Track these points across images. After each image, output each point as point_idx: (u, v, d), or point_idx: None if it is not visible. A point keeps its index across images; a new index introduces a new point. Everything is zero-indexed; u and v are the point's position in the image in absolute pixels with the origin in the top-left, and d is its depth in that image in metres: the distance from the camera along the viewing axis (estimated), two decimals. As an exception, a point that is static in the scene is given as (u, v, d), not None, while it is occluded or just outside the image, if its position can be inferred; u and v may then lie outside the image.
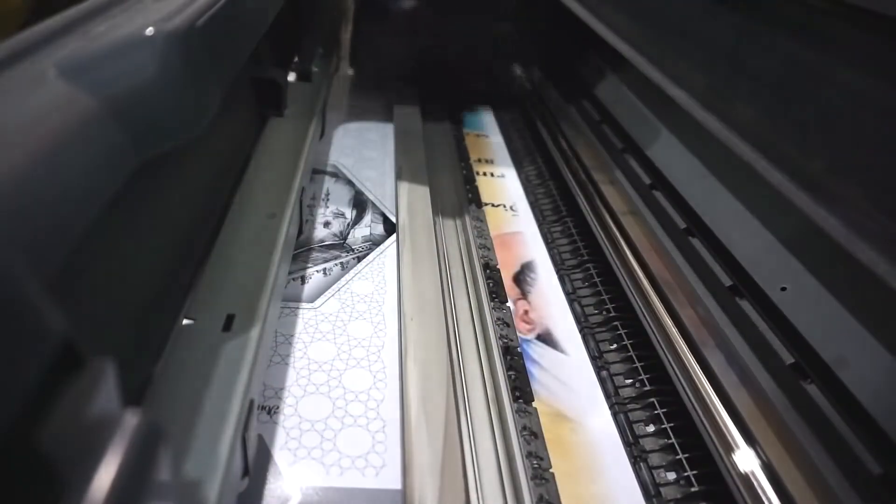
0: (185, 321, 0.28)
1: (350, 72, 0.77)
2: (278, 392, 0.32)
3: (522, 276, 0.45)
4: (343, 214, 0.49)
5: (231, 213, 0.37)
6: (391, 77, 0.73)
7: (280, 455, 0.29)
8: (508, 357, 0.37)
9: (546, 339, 0.40)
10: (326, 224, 0.48)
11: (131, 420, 0.13)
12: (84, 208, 0.16)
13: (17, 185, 0.14)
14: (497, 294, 0.42)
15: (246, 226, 0.36)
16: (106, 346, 0.22)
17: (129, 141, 0.19)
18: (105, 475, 0.12)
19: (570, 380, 0.37)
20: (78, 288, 0.19)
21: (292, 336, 0.36)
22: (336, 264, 0.43)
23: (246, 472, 0.27)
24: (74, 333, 0.14)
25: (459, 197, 0.53)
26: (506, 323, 0.40)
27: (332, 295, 0.40)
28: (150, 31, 0.20)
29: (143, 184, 0.25)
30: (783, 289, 0.33)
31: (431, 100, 0.71)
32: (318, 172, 0.54)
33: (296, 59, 0.60)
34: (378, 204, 0.51)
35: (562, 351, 0.39)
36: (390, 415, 0.32)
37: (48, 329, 0.13)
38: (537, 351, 0.38)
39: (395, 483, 0.29)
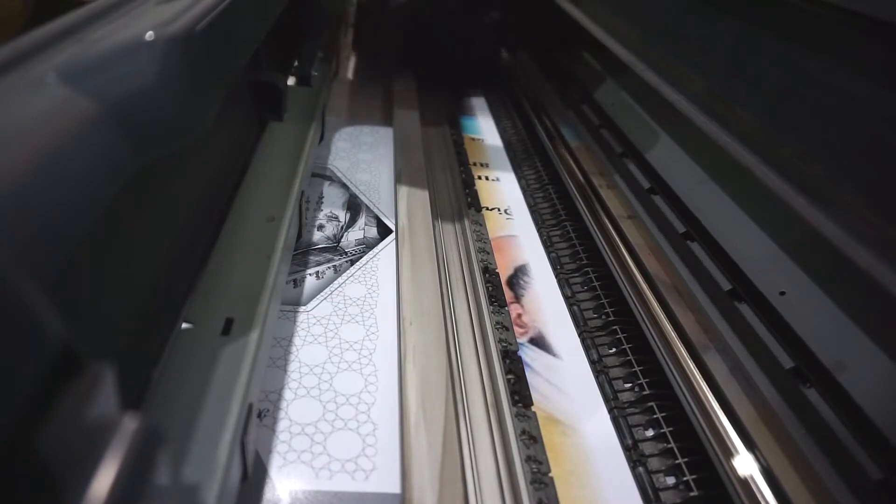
0: (184, 325, 0.28)
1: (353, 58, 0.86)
2: (269, 395, 0.32)
3: (516, 280, 0.45)
4: (337, 217, 0.49)
5: (230, 216, 0.37)
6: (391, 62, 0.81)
7: (269, 458, 0.29)
8: (507, 361, 0.37)
9: (538, 342, 0.39)
10: (320, 227, 0.47)
11: (130, 424, 0.13)
12: (83, 212, 0.16)
13: (17, 189, 0.14)
14: (496, 298, 0.42)
15: (245, 229, 0.36)
16: (105, 350, 0.22)
17: (128, 145, 0.19)
18: (103, 479, 0.12)
19: (562, 383, 0.36)
20: (77, 291, 0.19)
21: (284, 339, 0.36)
22: (329, 267, 0.43)
23: (245, 476, 0.27)
24: (73, 337, 0.14)
25: (459, 201, 0.53)
26: (505, 327, 0.40)
27: (325, 298, 0.40)
28: (150, 35, 0.20)
29: (143, 187, 0.25)
30: (782, 293, 0.33)
31: (428, 85, 0.78)
32: (313, 175, 0.54)
33: (295, 63, 0.60)
34: (372, 207, 0.51)
35: (554, 354, 0.39)
36: (381, 418, 0.32)
37: (47, 332, 0.13)
38: (529, 354, 0.38)
39: (389, 486, 0.29)
